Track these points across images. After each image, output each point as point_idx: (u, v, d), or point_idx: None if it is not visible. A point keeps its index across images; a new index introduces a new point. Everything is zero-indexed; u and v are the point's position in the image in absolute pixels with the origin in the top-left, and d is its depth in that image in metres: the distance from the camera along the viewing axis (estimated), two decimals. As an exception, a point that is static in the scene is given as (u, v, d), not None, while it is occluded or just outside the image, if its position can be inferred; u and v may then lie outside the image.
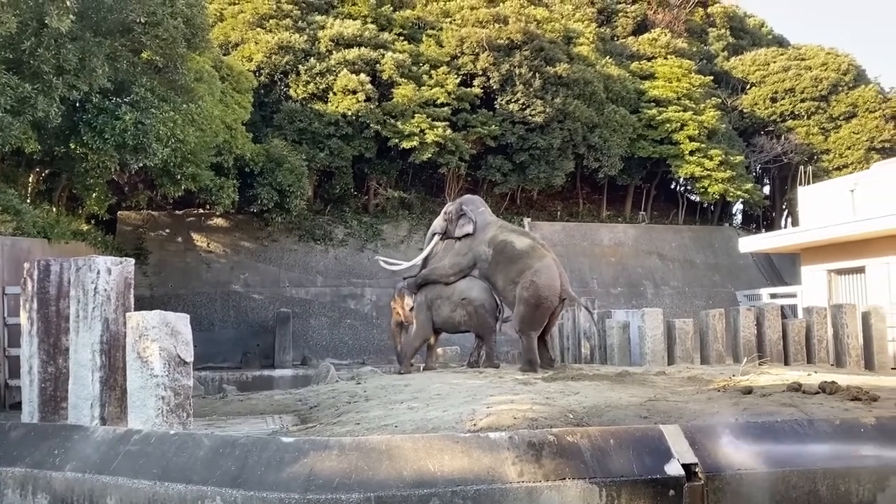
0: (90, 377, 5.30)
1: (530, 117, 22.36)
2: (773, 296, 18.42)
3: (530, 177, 23.07)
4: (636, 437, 4.00)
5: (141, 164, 13.02)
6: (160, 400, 4.90)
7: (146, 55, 13.08)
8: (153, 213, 20.61)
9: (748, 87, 29.88)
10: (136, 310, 5.30)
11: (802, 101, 28.26)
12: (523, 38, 22.92)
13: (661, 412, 5.28)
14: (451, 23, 24.68)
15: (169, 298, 18.48)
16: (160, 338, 4.93)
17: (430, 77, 22.44)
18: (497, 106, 22.82)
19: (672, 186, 29.29)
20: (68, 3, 10.18)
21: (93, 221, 18.47)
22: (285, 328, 18.17)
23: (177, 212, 20.94)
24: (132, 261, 5.63)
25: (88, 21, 11.52)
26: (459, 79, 22.76)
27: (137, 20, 11.99)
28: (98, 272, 5.35)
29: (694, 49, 30.23)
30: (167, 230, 20.64)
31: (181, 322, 5.07)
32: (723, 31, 33.05)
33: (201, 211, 20.96)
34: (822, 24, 72.76)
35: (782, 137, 27.87)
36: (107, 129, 11.99)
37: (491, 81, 22.75)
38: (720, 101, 28.17)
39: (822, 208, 15.41)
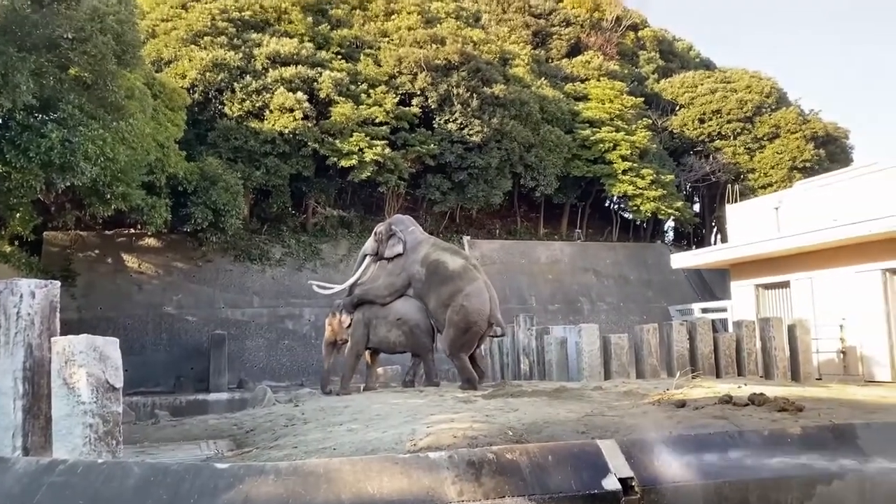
0: (12, 406, 5.06)
1: (468, 137, 22.59)
2: (705, 310, 18.98)
3: (469, 195, 23.27)
4: (574, 452, 4.04)
5: (68, 184, 12.57)
6: (88, 428, 4.71)
7: (74, 71, 12.70)
8: (82, 233, 19.92)
9: (677, 108, 30.90)
10: (63, 334, 5.10)
11: (729, 122, 29.37)
12: (460, 59, 23.20)
13: (598, 427, 5.36)
14: (388, 42, 24.78)
15: (98, 322, 17.83)
16: (88, 363, 4.74)
17: (369, 96, 22.46)
18: (435, 125, 22.99)
19: (606, 204, 29.95)
20: (-10, 17, 9.83)
21: (16, 243, 17.76)
22: (220, 350, 17.77)
23: (106, 232, 20.29)
24: (58, 283, 5.42)
25: (12, 35, 11.13)
26: (398, 98, 22.85)
27: (65, 35, 11.65)
28: (21, 296, 5.13)
29: (625, 71, 31.12)
30: (96, 251, 19.96)
31: (110, 346, 4.89)
32: (653, 53, 34.12)
33: (132, 231, 20.37)
34: (746, 47, 75.94)
35: (710, 157, 28.91)
36: (31, 147, 11.57)
37: (429, 101, 22.92)
38: (651, 121, 29.02)
39: (749, 225, 15.96)
